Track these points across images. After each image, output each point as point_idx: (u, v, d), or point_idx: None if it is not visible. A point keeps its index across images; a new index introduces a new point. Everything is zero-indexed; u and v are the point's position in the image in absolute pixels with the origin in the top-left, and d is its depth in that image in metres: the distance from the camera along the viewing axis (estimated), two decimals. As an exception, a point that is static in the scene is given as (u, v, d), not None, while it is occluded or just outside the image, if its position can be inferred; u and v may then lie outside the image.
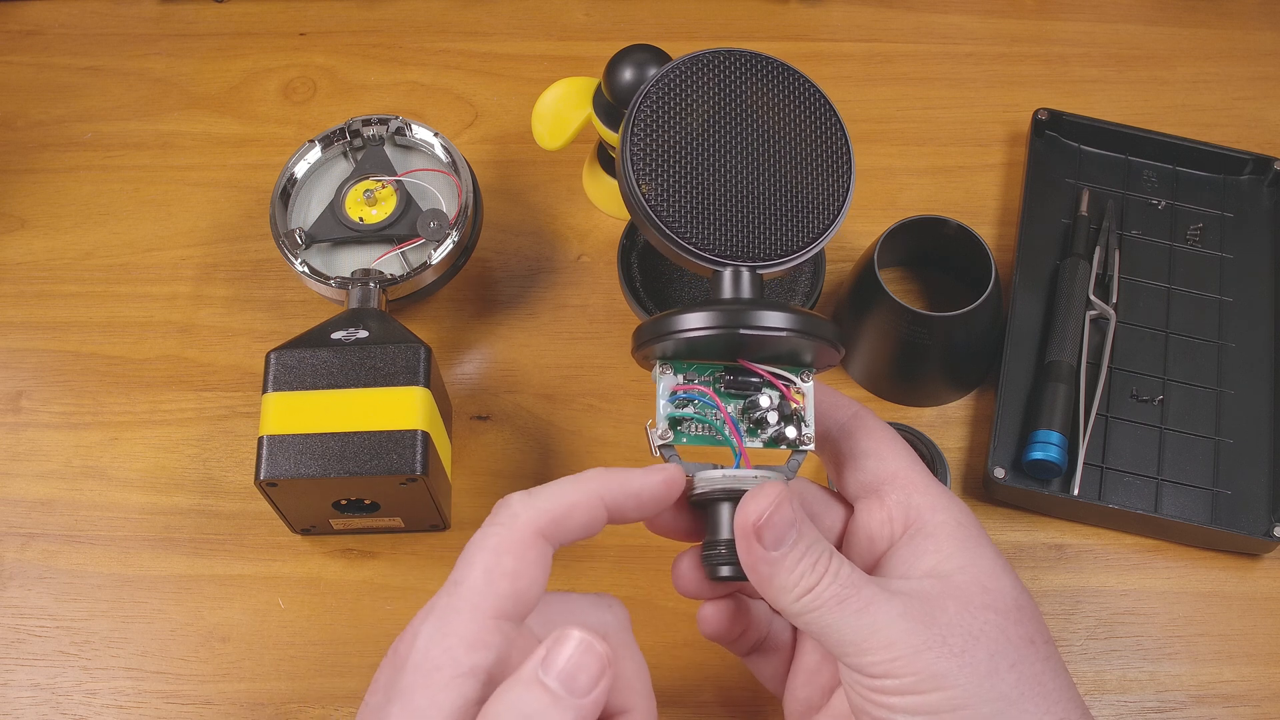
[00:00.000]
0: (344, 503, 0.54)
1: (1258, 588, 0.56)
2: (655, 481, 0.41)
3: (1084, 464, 0.57)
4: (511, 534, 0.38)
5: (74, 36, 0.74)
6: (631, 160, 0.44)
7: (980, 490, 0.59)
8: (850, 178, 0.46)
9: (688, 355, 0.44)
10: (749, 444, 0.44)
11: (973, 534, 0.43)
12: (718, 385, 0.44)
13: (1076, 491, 0.56)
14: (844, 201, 0.46)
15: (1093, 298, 0.61)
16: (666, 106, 0.44)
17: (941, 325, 0.57)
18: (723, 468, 0.43)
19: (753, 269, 0.44)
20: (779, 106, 0.45)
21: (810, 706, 0.47)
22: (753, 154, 0.45)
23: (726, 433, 0.44)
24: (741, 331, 0.42)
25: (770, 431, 0.44)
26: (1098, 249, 0.62)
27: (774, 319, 0.42)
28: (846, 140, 0.46)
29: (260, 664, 0.55)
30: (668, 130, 0.44)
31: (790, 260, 0.45)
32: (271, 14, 0.74)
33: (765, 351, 0.44)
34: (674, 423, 0.44)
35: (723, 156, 0.44)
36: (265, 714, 0.54)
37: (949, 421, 0.61)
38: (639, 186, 0.44)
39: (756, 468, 0.43)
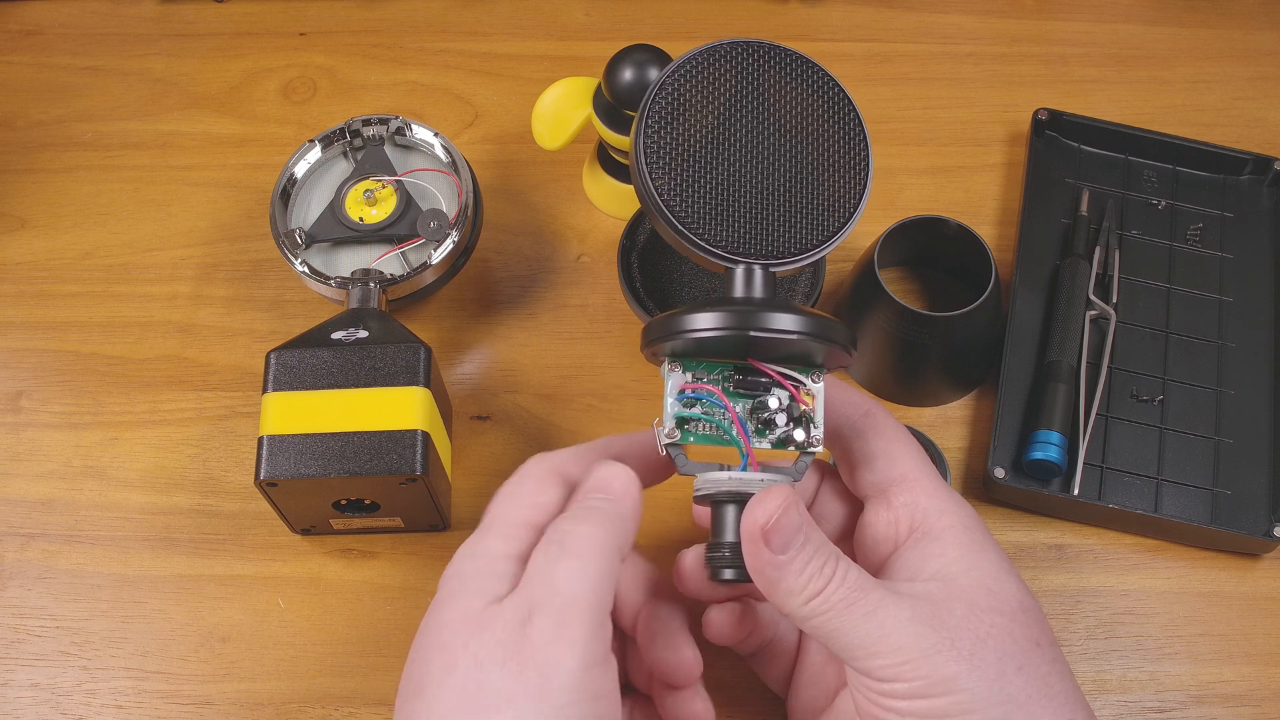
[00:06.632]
0: (344, 503, 0.54)
1: (1258, 588, 0.56)
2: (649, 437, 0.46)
3: (1084, 464, 0.57)
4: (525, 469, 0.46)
5: (74, 36, 0.74)
6: (645, 153, 0.43)
7: (980, 490, 0.59)
8: (868, 174, 0.45)
9: (697, 354, 0.43)
10: (756, 445, 0.44)
11: (978, 538, 0.43)
12: (726, 385, 0.44)
13: (1076, 491, 0.56)
14: (861, 199, 0.45)
15: (1093, 298, 0.61)
16: (682, 98, 0.43)
17: (941, 325, 0.57)
18: (729, 469, 0.43)
19: (765, 266, 0.43)
20: (796, 100, 0.44)
21: (814, 708, 0.47)
22: (769, 148, 0.44)
23: (734, 433, 0.43)
24: (753, 333, 0.41)
25: (778, 433, 0.44)
26: (1098, 249, 0.62)
27: (786, 321, 0.41)
28: (865, 136, 0.45)
29: (260, 664, 0.55)
30: (683, 123, 0.43)
31: (804, 258, 0.44)
32: (271, 14, 0.74)
33: (776, 352, 0.43)
34: (681, 421, 0.43)
35: (738, 150, 0.43)
36: (265, 714, 0.54)
37: (949, 421, 0.61)
38: (652, 180, 0.43)
39: (763, 469, 0.43)
